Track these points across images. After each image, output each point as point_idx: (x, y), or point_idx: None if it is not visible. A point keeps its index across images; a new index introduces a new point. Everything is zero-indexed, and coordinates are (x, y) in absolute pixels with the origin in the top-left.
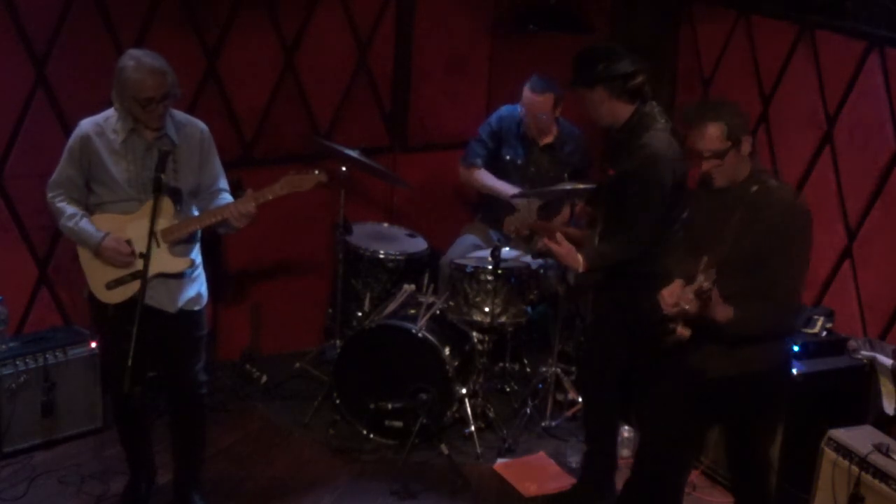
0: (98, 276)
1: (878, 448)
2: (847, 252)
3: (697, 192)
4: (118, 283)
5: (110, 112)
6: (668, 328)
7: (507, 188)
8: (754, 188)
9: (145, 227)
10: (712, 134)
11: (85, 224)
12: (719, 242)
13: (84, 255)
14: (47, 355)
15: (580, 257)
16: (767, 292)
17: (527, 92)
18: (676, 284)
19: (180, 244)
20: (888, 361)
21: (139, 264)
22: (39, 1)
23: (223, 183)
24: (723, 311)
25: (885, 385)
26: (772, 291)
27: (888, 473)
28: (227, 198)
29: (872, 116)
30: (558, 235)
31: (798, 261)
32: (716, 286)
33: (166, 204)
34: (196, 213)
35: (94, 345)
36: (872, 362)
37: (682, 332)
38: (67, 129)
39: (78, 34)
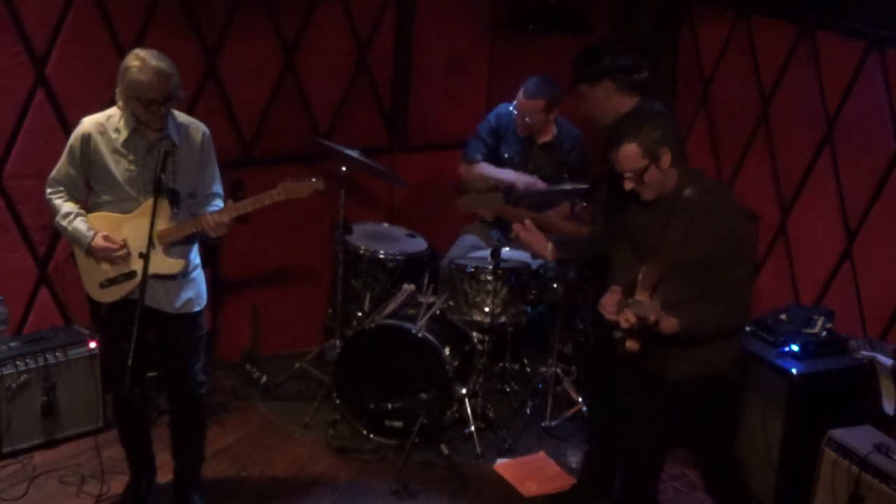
0: (92, 276)
1: (878, 448)
2: (847, 252)
3: (630, 205)
4: (111, 282)
5: (113, 110)
6: (617, 336)
7: (511, 175)
8: (687, 191)
9: (141, 228)
10: (628, 154)
11: (78, 223)
12: (658, 251)
13: (79, 254)
14: (47, 355)
15: (550, 245)
16: (715, 295)
17: (519, 93)
18: (615, 293)
19: (175, 246)
20: (888, 361)
21: (132, 264)
22: (39, 1)
23: (218, 188)
24: (668, 324)
25: (885, 385)
26: (719, 294)
27: (888, 473)
28: (218, 204)
29: (872, 116)
30: (527, 222)
31: (745, 261)
32: (659, 299)
33: (163, 205)
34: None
35: (93, 345)
36: (872, 362)
37: (632, 345)
38: (67, 129)
39: (78, 34)
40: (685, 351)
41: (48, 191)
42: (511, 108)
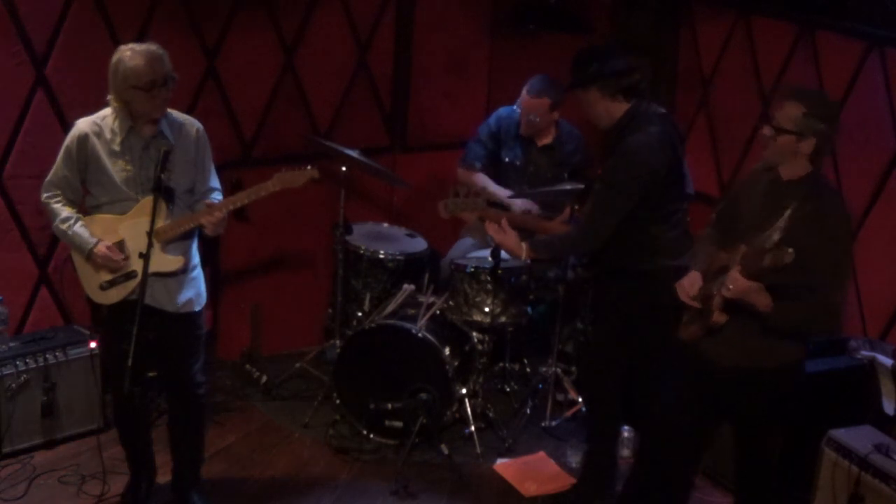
0: (92, 278)
1: (878, 448)
2: None
3: (755, 175)
4: (111, 284)
5: (106, 111)
6: (686, 321)
7: (503, 192)
8: (808, 189)
9: (138, 227)
10: (788, 113)
11: (78, 229)
12: (764, 232)
13: (78, 257)
14: (47, 355)
15: (524, 245)
16: (809, 295)
17: (523, 92)
18: (695, 276)
19: (173, 243)
20: (888, 361)
21: (132, 264)
22: (39, 1)
23: (215, 181)
24: (765, 299)
25: (885, 385)
26: (814, 295)
27: (888, 473)
28: (217, 197)
29: (872, 116)
30: (503, 223)
31: (844, 268)
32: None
33: (159, 204)
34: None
35: (94, 345)
36: (872, 362)
37: (719, 318)
38: (67, 129)
39: (78, 34)
40: (744, 339)
41: (44, 195)
42: (515, 108)
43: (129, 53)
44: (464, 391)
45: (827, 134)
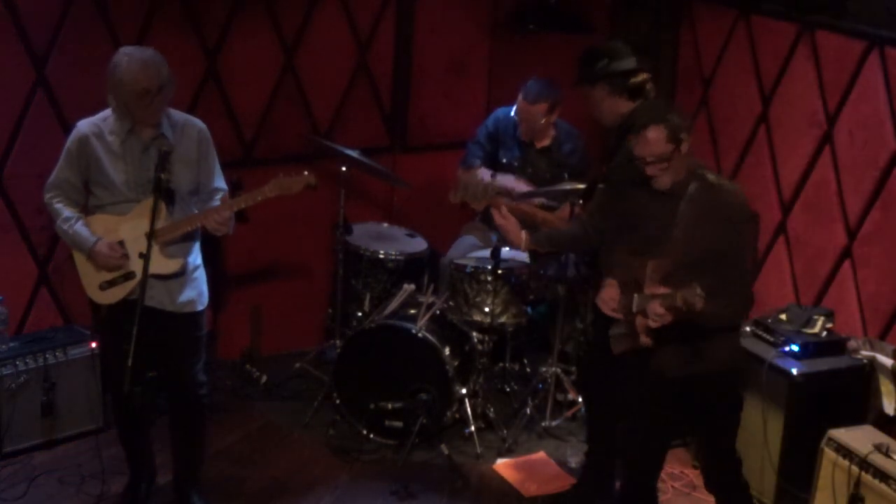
0: (91, 278)
1: (878, 448)
2: (847, 252)
3: (637, 194)
4: (110, 284)
5: (107, 113)
6: (614, 333)
7: (509, 182)
8: (694, 185)
9: (138, 228)
10: (655, 138)
11: (79, 227)
12: (668, 244)
13: (78, 257)
14: (47, 355)
15: (523, 234)
16: (725, 288)
17: (520, 100)
18: (613, 287)
19: (173, 245)
20: (888, 361)
21: (131, 265)
22: (39, 1)
23: (220, 182)
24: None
25: (885, 385)
26: (729, 287)
27: (888, 473)
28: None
29: (872, 116)
30: (503, 209)
31: (750, 254)
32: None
33: (159, 205)
34: (196, 212)
35: (94, 345)
36: (872, 362)
37: (646, 340)
38: (67, 129)
39: (78, 34)
40: (687, 347)
41: (47, 195)
42: (512, 114)
43: (126, 59)
44: (464, 391)
45: (685, 126)
